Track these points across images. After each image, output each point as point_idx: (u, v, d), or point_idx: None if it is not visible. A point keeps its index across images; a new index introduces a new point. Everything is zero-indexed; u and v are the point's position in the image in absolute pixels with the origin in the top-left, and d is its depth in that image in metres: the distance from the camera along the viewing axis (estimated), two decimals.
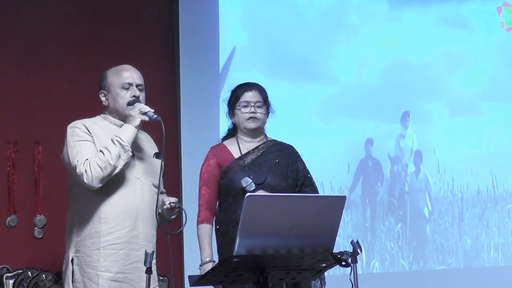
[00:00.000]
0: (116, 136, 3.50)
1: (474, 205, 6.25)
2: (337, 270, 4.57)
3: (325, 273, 3.63)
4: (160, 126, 3.47)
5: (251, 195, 3.17)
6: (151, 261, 3.24)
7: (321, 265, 3.22)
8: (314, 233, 3.11)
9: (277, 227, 3.04)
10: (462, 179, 6.21)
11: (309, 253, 3.12)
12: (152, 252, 3.30)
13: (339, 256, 3.18)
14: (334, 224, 3.18)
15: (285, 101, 5.20)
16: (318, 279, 3.96)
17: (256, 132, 4.09)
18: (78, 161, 3.47)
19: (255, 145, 4.10)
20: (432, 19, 6.26)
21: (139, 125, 3.56)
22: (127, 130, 3.53)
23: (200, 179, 4.07)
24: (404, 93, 6.11)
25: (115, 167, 3.46)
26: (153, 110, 3.56)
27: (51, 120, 4.91)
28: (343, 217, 3.37)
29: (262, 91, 4.11)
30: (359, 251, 3.21)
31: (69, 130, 3.58)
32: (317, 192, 4.18)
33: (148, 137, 3.78)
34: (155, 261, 3.59)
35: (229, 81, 5.36)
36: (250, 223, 3.00)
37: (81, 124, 3.59)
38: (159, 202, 3.61)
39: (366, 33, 6.01)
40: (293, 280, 3.38)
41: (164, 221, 3.67)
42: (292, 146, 4.19)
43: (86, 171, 3.44)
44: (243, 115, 4.05)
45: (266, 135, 4.16)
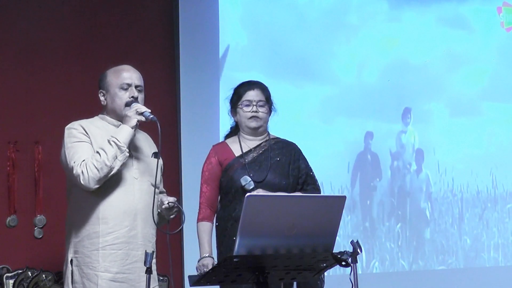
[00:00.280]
0: (112, 136, 3.49)
1: (474, 205, 6.25)
2: (337, 270, 4.58)
3: (325, 273, 3.63)
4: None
5: (251, 195, 3.17)
6: (151, 261, 3.23)
7: (321, 265, 3.22)
8: (314, 233, 3.11)
9: (277, 227, 3.04)
10: (462, 179, 6.20)
11: (309, 253, 3.12)
12: (152, 252, 3.30)
13: (339, 256, 3.18)
14: (334, 224, 3.18)
15: (285, 101, 5.17)
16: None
17: (258, 130, 4.09)
18: (75, 163, 3.47)
19: (257, 143, 4.09)
20: (432, 19, 6.26)
21: (136, 126, 3.54)
22: (123, 130, 3.52)
23: (201, 177, 4.08)
24: (404, 93, 6.11)
25: (111, 168, 3.45)
26: (149, 110, 3.55)
27: (51, 120, 4.90)
28: (343, 217, 3.37)
29: (264, 90, 4.10)
30: (359, 251, 3.21)
31: (66, 131, 3.58)
32: (319, 190, 4.17)
33: (146, 137, 3.77)
34: (155, 260, 3.58)
35: (224, 79, 5.36)
36: (250, 223, 3.00)
37: (78, 125, 3.59)
38: (158, 201, 3.62)
39: (366, 33, 6.01)
40: (293, 280, 3.38)
41: (163, 221, 3.67)
42: (294, 143, 4.18)
43: (82, 172, 3.44)
44: (245, 114, 4.05)
45: (269, 133, 4.15)
